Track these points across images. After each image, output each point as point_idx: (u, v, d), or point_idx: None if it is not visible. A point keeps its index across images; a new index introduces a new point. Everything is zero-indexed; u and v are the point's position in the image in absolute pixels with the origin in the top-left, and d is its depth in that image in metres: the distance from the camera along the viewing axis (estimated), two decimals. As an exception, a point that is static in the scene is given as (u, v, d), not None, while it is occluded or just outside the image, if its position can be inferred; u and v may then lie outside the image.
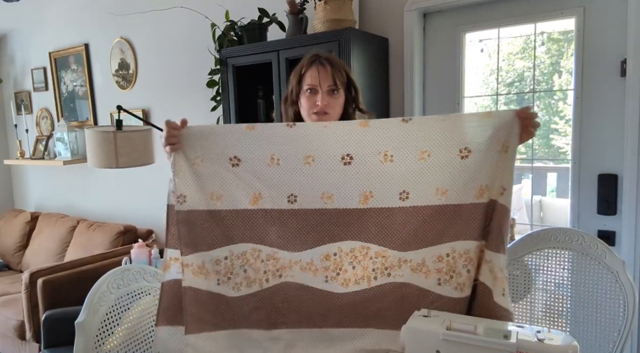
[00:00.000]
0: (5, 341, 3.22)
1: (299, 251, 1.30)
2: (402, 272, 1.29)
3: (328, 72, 1.43)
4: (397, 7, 2.39)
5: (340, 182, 1.26)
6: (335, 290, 1.30)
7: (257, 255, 1.31)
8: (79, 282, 2.80)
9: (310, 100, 1.44)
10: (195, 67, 3.11)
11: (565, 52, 2.20)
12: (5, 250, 4.22)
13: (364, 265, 1.29)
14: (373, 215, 1.28)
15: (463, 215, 1.26)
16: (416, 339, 1.04)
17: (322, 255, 1.29)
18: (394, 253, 1.29)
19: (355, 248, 1.29)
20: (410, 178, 1.25)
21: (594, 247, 1.58)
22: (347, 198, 1.27)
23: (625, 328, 1.49)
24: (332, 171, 1.26)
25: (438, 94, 2.42)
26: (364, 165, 1.25)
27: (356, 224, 1.28)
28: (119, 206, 3.88)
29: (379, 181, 1.26)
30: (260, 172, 1.27)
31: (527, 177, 4.04)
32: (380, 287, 1.30)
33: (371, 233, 1.29)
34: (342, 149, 1.25)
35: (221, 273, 1.30)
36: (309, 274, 1.30)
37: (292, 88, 1.50)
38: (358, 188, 1.27)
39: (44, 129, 4.41)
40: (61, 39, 4.09)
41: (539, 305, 1.70)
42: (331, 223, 1.28)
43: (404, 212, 1.27)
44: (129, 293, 1.52)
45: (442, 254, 1.28)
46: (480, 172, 1.23)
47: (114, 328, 1.44)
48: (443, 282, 1.28)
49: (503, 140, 1.21)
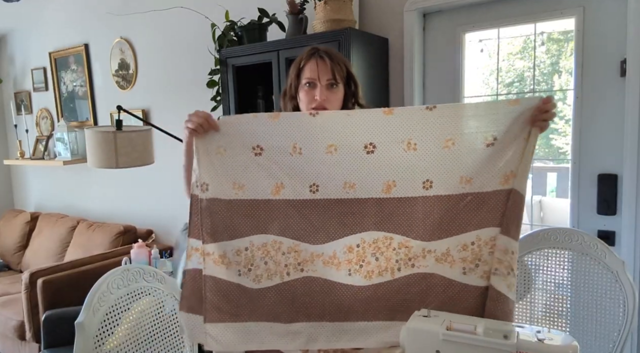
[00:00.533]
0: (5, 341, 3.22)
1: (321, 243, 1.29)
2: (426, 262, 1.27)
3: (327, 65, 1.40)
4: (397, 7, 2.39)
5: (363, 171, 1.25)
6: (358, 283, 1.28)
7: (278, 247, 1.30)
8: (79, 282, 2.80)
9: (309, 95, 1.41)
10: (195, 67, 3.11)
11: (565, 52, 2.20)
12: (5, 250, 4.22)
13: (387, 256, 1.27)
14: (396, 205, 1.26)
15: (488, 202, 1.24)
16: (416, 339, 1.04)
17: (345, 247, 1.28)
18: (417, 244, 1.27)
19: (378, 239, 1.27)
20: (434, 167, 1.23)
21: (593, 247, 1.58)
22: (370, 188, 1.25)
23: (625, 328, 1.49)
24: (355, 160, 1.24)
25: (438, 94, 2.42)
26: (387, 154, 1.23)
27: (379, 214, 1.26)
28: (119, 206, 3.88)
29: (402, 170, 1.24)
30: (282, 161, 1.26)
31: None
32: (404, 279, 1.28)
33: (394, 223, 1.27)
34: (365, 137, 1.24)
35: (241, 264, 1.30)
36: (332, 268, 1.29)
37: (290, 82, 1.47)
38: (381, 177, 1.25)
39: (44, 129, 4.41)
40: (61, 39, 4.09)
41: (539, 305, 1.70)
42: (353, 213, 1.27)
43: (428, 201, 1.25)
44: (128, 294, 1.52)
45: (467, 243, 1.26)
46: (506, 159, 1.22)
47: (114, 328, 1.45)
48: (468, 271, 1.26)
49: (527, 127, 1.20)
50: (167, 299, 1.61)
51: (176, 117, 3.30)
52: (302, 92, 1.43)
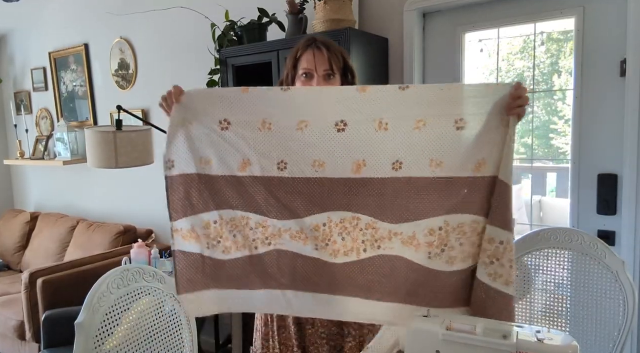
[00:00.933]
0: (5, 341, 3.22)
1: (288, 220, 1.28)
2: (392, 244, 1.26)
3: (324, 56, 1.38)
4: (397, 7, 2.39)
5: (333, 150, 1.22)
6: (325, 258, 1.29)
7: (246, 223, 1.30)
8: (79, 282, 2.80)
9: (306, 86, 1.40)
10: (195, 67, 3.11)
11: (565, 52, 2.20)
12: (5, 250, 4.22)
13: (354, 236, 1.27)
14: (365, 186, 1.24)
15: (458, 188, 1.22)
16: (416, 339, 1.04)
17: (312, 226, 1.27)
18: (384, 226, 1.25)
19: (345, 219, 1.26)
20: (405, 148, 1.21)
21: (594, 247, 1.58)
22: (340, 167, 1.23)
23: (626, 328, 1.49)
24: (325, 138, 1.22)
25: (438, 94, 2.42)
26: (357, 133, 1.21)
27: (347, 194, 1.25)
28: (119, 206, 3.88)
29: (372, 150, 1.21)
30: (250, 137, 1.24)
31: (527, 177, 4.04)
32: (369, 260, 1.28)
33: (362, 204, 1.25)
34: (336, 115, 1.21)
35: (210, 237, 1.31)
36: (299, 242, 1.29)
37: (287, 72, 1.45)
38: (351, 156, 1.22)
39: (44, 129, 4.41)
40: (61, 39, 4.09)
41: (539, 306, 1.70)
42: (322, 193, 1.25)
43: (398, 183, 1.22)
44: (128, 294, 1.52)
45: (434, 227, 1.24)
46: (478, 145, 1.19)
47: (114, 328, 1.44)
48: (434, 256, 1.25)
49: (502, 116, 1.17)
50: (167, 299, 1.61)
51: (176, 117, 3.31)
52: (299, 82, 1.42)
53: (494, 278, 1.20)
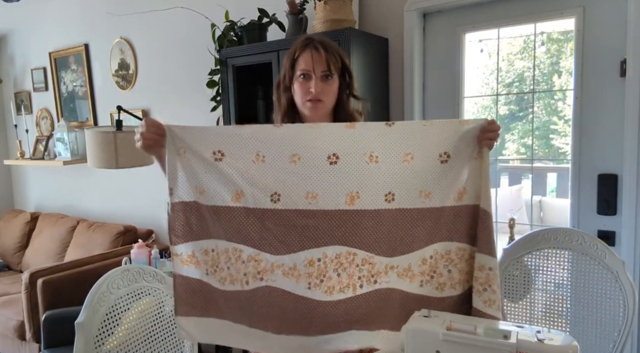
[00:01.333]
0: (5, 341, 3.22)
1: (282, 254, 1.26)
2: (388, 278, 1.27)
3: (322, 56, 1.36)
4: (397, 7, 2.39)
5: (326, 181, 1.23)
6: (318, 298, 1.25)
7: (239, 256, 1.28)
8: (79, 282, 2.80)
9: (304, 87, 1.38)
10: (195, 67, 3.11)
11: (565, 52, 2.20)
12: (5, 250, 4.22)
13: (350, 272, 1.25)
14: (360, 218, 1.24)
15: (445, 217, 1.27)
16: (416, 339, 1.04)
17: (306, 261, 1.25)
18: (380, 260, 1.26)
19: (341, 254, 1.25)
20: (395, 180, 1.25)
21: (593, 247, 1.58)
22: (333, 199, 1.24)
23: (625, 328, 1.49)
24: (318, 170, 1.23)
25: (438, 94, 2.42)
26: (349, 165, 1.23)
27: (342, 227, 1.24)
28: (119, 206, 3.88)
29: (365, 181, 1.24)
30: (243, 169, 1.24)
31: (527, 177, 4.05)
32: (365, 295, 1.27)
33: (358, 237, 1.25)
34: (328, 148, 1.23)
35: (209, 263, 1.30)
36: (291, 280, 1.26)
37: (284, 73, 1.43)
38: (344, 188, 1.24)
39: (44, 129, 4.41)
40: (61, 39, 4.09)
41: (539, 305, 1.70)
42: (316, 226, 1.24)
43: (391, 215, 1.25)
44: (128, 294, 1.52)
45: (425, 257, 1.28)
46: (459, 176, 1.26)
47: (114, 328, 1.44)
48: (424, 283, 1.29)
49: (478, 147, 1.26)
50: (167, 299, 1.61)
51: (176, 117, 3.31)
52: (297, 83, 1.40)
53: (489, 304, 1.26)
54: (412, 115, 2.40)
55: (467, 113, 2.42)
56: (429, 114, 2.44)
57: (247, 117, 2.61)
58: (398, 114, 2.44)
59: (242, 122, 2.57)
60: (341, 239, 1.25)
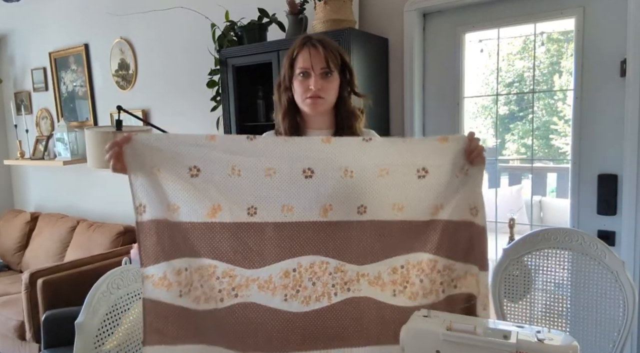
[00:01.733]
0: (5, 341, 3.22)
1: (257, 268, 1.26)
2: (360, 286, 1.29)
3: (320, 53, 1.36)
4: (397, 8, 2.39)
5: (301, 194, 1.25)
6: (295, 309, 1.26)
7: (213, 272, 1.26)
8: (79, 282, 2.79)
9: (304, 85, 1.38)
10: (195, 67, 3.12)
11: (565, 52, 2.21)
12: (5, 250, 4.22)
13: (324, 281, 1.27)
14: (332, 229, 1.27)
15: (418, 230, 1.29)
16: (416, 339, 1.04)
17: (282, 272, 1.26)
18: (352, 267, 1.28)
19: (314, 263, 1.27)
20: (369, 193, 1.27)
21: (593, 247, 1.58)
22: (307, 211, 1.26)
23: (625, 328, 1.49)
24: (293, 183, 1.25)
25: (438, 94, 2.42)
26: (324, 179, 1.25)
27: (315, 238, 1.26)
28: (119, 206, 3.88)
29: (338, 195, 1.26)
30: (220, 182, 1.23)
31: (527, 177, 4.05)
32: (341, 304, 1.28)
33: (330, 247, 1.27)
34: (303, 163, 1.24)
35: (182, 284, 1.25)
36: (267, 293, 1.26)
37: (284, 73, 1.42)
38: (318, 201, 1.26)
39: (44, 129, 4.41)
40: (61, 39, 4.09)
41: (539, 305, 1.70)
42: (291, 237, 1.26)
43: (362, 226, 1.28)
44: (128, 294, 1.52)
45: (396, 266, 1.30)
46: (437, 192, 1.28)
47: (113, 328, 1.44)
48: (398, 293, 1.31)
49: (462, 164, 1.26)
50: (167, 299, 1.61)
51: (176, 117, 3.32)
52: (296, 82, 1.40)
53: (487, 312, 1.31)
54: (412, 115, 2.40)
55: (467, 113, 2.42)
56: (429, 114, 2.44)
57: (247, 118, 2.61)
58: (398, 113, 2.44)
59: (242, 121, 2.59)
60: (314, 249, 1.27)
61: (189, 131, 2.97)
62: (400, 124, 2.43)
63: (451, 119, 2.38)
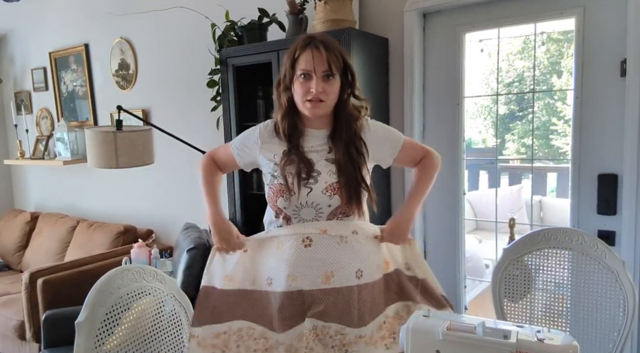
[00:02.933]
0: (5, 341, 3.22)
1: (282, 332, 1.35)
2: (358, 347, 1.34)
3: (323, 56, 1.34)
4: (397, 7, 2.39)
5: (302, 263, 1.35)
6: None
7: (251, 333, 1.39)
8: (79, 282, 2.80)
9: (304, 86, 1.36)
10: (195, 67, 3.11)
11: (565, 52, 2.21)
12: (5, 250, 4.22)
13: (325, 343, 1.33)
14: (334, 294, 1.34)
15: (388, 283, 1.44)
16: (416, 339, 1.04)
17: (297, 336, 1.34)
18: (351, 331, 1.33)
19: (317, 327, 1.33)
20: (361, 257, 1.39)
21: (594, 247, 1.58)
22: (311, 279, 1.34)
23: (625, 328, 1.49)
24: (295, 253, 1.36)
25: (438, 94, 2.42)
26: (322, 247, 1.36)
27: (319, 304, 1.33)
28: (119, 206, 3.88)
29: (337, 261, 1.36)
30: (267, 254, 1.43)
31: (527, 177, 4.05)
32: None
33: (332, 312, 1.33)
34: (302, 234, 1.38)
35: (217, 346, 1.39)
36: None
37: (285, 72, 1.41)
38: (320, 268, 1.35)
39: (44, 129, 4.41)
40: (61, 39, 4.09)
41: (539, 305, 1.70)
42: (300, 304, 1.34)
43: (360, 289, 1.36)
44: (129, 293, 1.51)
45: (380, 322, 1.38)
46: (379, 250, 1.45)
47: (114, 328, 1.44)
48: (390, 345, 1.37)
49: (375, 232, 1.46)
50: (167, 299, 1.61)
51: (176, 117, 3.32)
52: (297, 83, 1.38)
53: None
54: (412, 115, 2.40)
55: (468, 113, 2.42)
56: (429, 114, 2.45)
57: (247, 117, 2.61)
58: (398, 113, 2.44)
59: (242, 121, 2.59)
60: (319, 315, 1.33)
61: (189, 130, 2.97)
62: (401, 124, 2.43)
63: (451, 118, 2.38)
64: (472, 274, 3.40)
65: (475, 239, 4.00)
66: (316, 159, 1.41)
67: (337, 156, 1.40)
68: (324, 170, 1.39)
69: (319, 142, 1.43)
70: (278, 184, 1.39)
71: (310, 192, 1.38)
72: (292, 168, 1.38)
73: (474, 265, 3.55)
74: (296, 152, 1.40)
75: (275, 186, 1.40)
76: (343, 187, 1.38)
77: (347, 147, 1.40)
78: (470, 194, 4.18)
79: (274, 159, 1.43)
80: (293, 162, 1.39)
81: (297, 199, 1.37)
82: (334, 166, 1.39)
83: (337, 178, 1.38)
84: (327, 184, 1.38)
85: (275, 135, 1.46)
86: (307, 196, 1.38)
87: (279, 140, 1.45)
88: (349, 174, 1.38)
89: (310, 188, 1.38)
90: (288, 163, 1.39)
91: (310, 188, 1.38)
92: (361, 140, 1.43)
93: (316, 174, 1.39)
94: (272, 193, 1.42)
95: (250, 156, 1.50)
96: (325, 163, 1.40)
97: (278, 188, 1.39)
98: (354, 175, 1.39)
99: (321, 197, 1.37)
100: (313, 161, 1.40)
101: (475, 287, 3.14)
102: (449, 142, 2.39)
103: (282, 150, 1.42)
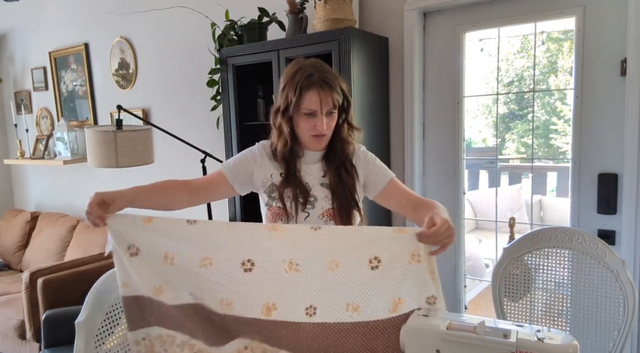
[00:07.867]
0: (5, 341, 3.22)
1: (214, 346, 1.25)
2: None
3: (328, 96, 1.37)
4: (397, 7, 2.39)
5: (239, 290, 1.18)
6: None
7: (172, 341, 1.29)
8: (79, 282, 2.80)
9: (309, 123, 1.38)
10: (195, 67, 3.11)
11: (565, 51, 2.20)
12: (5, 250, 4.22)
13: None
14: (277, 328, 1.19)
15: (379, 330, 1.16)
16: (416, 339, 1.04)
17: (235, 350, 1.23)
18: None
19: (266, 349, 1.22)
20: (318, 291, 1.16)
21: (594, 246, 1.58)
22: (248, 308, 1.19)
23: (625, 328, 1.49)
24: (231, 278, 1.18)
25: (438, 94, 2.42)
26: (266, 273, 1.17)
27: (261, 333, 1.20)
28: (119, 206, 3.87)
29: (283, 292, 1.17)
30: (156, 267, 1.22)
31: (527, 176, 4.05)
32: None
33: (278, 340, 1.20)
34: (243, 254, 1.18)
35: (142, 352, 1.30)
36: None
37: (288, 103, 1.39)
38: (259, 298, 1.18)
39: (44, 128, 4.41)
40: (61, 39, 4.09)
41: (539, 305, 1.70)
42: (236, 328, 1.21)
43: (313, 328, 1.17)
44: (129, 293, 1.51)
45: None
46: (392, 283, 1.14)
47: (114, 327, 1.44)
48: None
49: (412, 250, 1.13)
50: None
51: (176, 116, 3.31)
52: (302, 119, 1.39)
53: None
54: (412, 114, 2.40)
55: (468, 112, 2.42)
56: (429, 113, 2.44)
57: (247, 117, 2.61)
58: (398, 112, 2.44)
59: (242, 120, 2.59)
60: (263, 339, 1.21)
61: (189, 130, 2.97)
62: (401, 124, 2.44)
63: (451, 118, 2.38)
64: (472, 274, 3.41)
65: (475, 239, 4.01)
66: (312, 183, 1.44)
67: (330, 180, 1.43)
68: (320, 195, 1.43)
69: (314, 165, 1.46)
70: (277, 208, 1.43)
71: (308, 217, 1.42)
72: (289, 191, 1.42)
73: (474, 265, 3.56)
74: (293, 177, 1.43)
75: (274, 209, 1.44)
76: (337, 213, 1.42)
77: (337, 169, 1.44)
78: (470, 194, 4.19)
79: (272, 178, 1.46)
80: (291, 186, 1.42)
81: (295, 223, 1.41)
82: (329, 191, 1.43)
83: (332, 205, 1.42)
84: (323, 210, 1.43)
85: (273, 157, 1.48)
86: (305, 220, 1.41)
87: (277, 163, 1.47)
88: (342, 198, 1.42)
89: (308, 213, 1.42)
90: (286, 186, 1.42)
91: (308, 213, 1.42)
92: (352, 164, 1.46)
93: (313, 200, 1.43)
94: (270, 215, 1.45)
95: (245, 174, 1.48)
96: (321, 188, 1.44)
97: (277, 211, 1.43)
98: (346, 197, 1.42)
99: (317, 221, 1.42)
100: (309, 186, 1.44)
101: (475, 286, 3.15)
102: (449, 142, 2.39)
103: (280, 172, 1.45)
